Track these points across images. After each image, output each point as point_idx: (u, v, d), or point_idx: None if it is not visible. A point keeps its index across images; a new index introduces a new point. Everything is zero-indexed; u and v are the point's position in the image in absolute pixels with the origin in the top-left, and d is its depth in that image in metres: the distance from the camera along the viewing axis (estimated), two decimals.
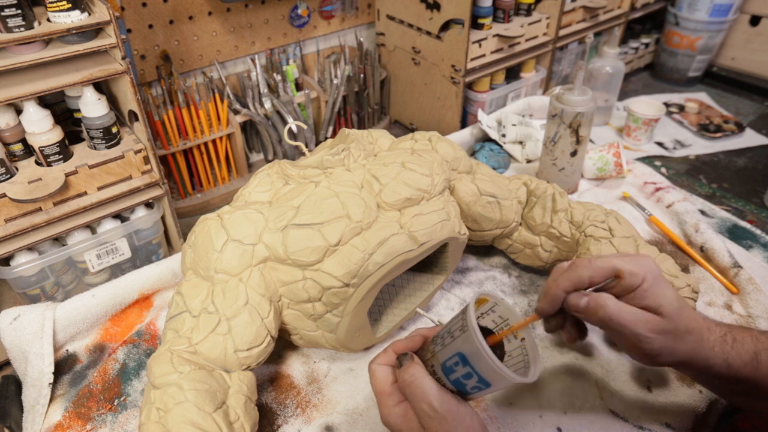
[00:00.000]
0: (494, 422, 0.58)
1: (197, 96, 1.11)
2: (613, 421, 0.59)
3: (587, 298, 0.44)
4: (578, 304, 0.45)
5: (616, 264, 0.45)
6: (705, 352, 0.44)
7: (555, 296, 0.46)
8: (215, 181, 1.24)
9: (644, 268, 0.44)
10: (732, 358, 0.44)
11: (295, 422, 0.59)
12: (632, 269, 0.44)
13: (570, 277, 0.45)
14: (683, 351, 0.44)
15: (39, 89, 0.74)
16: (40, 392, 0.60)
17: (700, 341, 0.44)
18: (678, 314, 0.44)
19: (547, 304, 0.46)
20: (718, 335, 0.45)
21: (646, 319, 0.43)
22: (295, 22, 1.28)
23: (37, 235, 0.81)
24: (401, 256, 0.56)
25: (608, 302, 0.44)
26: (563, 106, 0.84)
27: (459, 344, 0.42)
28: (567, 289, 0.45)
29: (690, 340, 0.44)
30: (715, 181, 1.12)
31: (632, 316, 0.43)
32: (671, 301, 0.44)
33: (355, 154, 0.63)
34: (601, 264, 0.45)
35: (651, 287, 0.44)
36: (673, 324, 0.44)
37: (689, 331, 0.44)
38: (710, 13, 1.44)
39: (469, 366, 0.42)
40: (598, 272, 0.45)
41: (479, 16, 1.22)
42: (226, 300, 0.53)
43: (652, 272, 0.44)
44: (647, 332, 0.43)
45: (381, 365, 0.47)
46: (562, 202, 0.72)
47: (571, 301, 0.45)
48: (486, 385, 0.42)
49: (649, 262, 0.45)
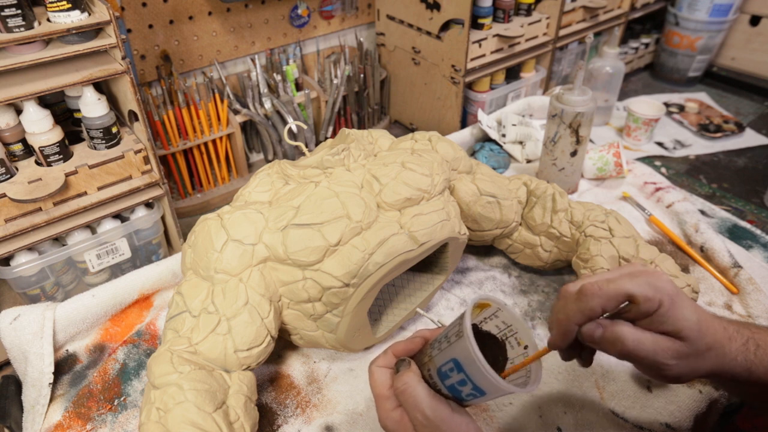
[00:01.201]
0: (494, 422, 0.58)
1: (197, 96, 1.11)
2: (613, 421, 0.59)
3: (602, 330, 0.42)
4: (593, 336, 0.42)
5: (629, 289, 0.41)
6: (726, 365, 0.42)
7: (567, 331, 0.43)
8: (215, 181, 1.24)
9: (660, 290, 0.41)
10: (755, 366, 0.42)
11: (295, 422, 0.59)
12: (647, 294, 0.41)
13: (581, 309, 0.42)
14: (704, 368, 0.42)
15: (39, 89, 0.74)
16: (40, 392, 0.60)
17: (722, 355, 0.42)
18: (698, 334, 0.41)
19: (559, 338, 0.44)
20: (740, 343, 0.43)
21: (667, 346, 0.41)
22: (295, 22, 1.28)
23: (37, 235, 0.81)
24: (401, 256, 0.56)
25: (626, 334, 0.41)
26: (563, 106, 0.84)
27: (454, 350, 0.41)
28: (579, 323, 0.43)
29: (711, 357, 0.42)
30: (715, 181, 1.12)
31: (652, 346, 0.41)
32: (691, 322, 0.41)
33: (355, 154, 0.63)
34: (614, 291, 0.42)
35: (669, 311, 0.41)
36: (694, 346, 0.41)
37: (710, 348, 0.42)
38: (710, 13, 1.44)
39: (464, 373, 0.41)
40: (611, 301, 0.42)
41: (479, 16, 1.22)
42: (226, 300, 0.53)
43: (669, 294, 0.41)
44: (668, 360, 0.41)
45: (380, 367, 0.46)
46: (562, 202, 0.72)
47: (585, 333, 0.43)
48: (481, 393, 0.41)
49: (664, 282, 0.42)
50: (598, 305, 0.42)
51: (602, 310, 0.42)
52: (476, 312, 0.45)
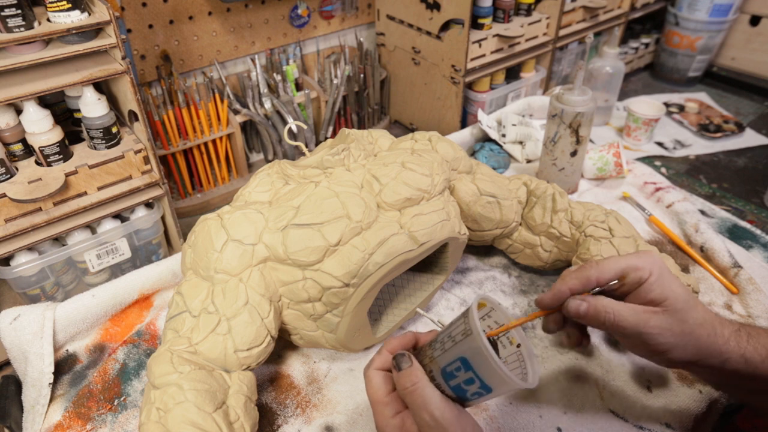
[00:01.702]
0: (494, 422, 0.58)
1: (197, 96, 1.11)
2: (613, 421, 0.59)
3: (586, 303, 0.45)
4: (578, 309, 0.45)
5: (621, 265, 0.45)
6: (719, 347, 0.43)
7: (559, 291, 0.46)
8: (215, 181, 1.24)
9: (649, 262, 0.45)
10: (749, 353, 0.43)
11: (295, 422, 0.59)
12: (637, 264, 0.44)
13: (578, 275, 0.46)
14: (695, 345, 0.43)
15: (39, 89, 0.74)
16: (40, 392, 0.60)
17: (714, 335, 0.43)
18: (686, 307, 0.43)
19: (549, 297, 0.47)
20: (731, 330, 0.44)
21: (647, 316, 0.43)
22: (295, 22, 1.28)
23: (37, 235, 0.81)
24: (401, 256, 0.56)
25: (606, 305, 0.44)
26: (563, 106, 0.84)
27: (461, 348, 0.41)
28: (573, 288, 0.46)
29: (702, 334, 0.43)
30: (715, 181, 1.12)
31: (632, 316, 0.43)
32: (678, 294, 0.44)
33: (355, 154, 0.63)
34: (608, 266, 0.46)
35: (657, 280, 0.44)
36: (681, 317, 0.43)
37: (700, 324, 0.43)
38: (710, 13, 1.44)
39: (472, 371, 0.41)
40: (605, 273, 0.45)
41: (479, 16, 1.22)
42: (226, 300, 0.53)
43: (658, 266, 0.45)
44: (650, 329, 0.43)
45: (377, 371, 0.45)
46: (562, 202, 0.72)
47: (570, 306, 0.45)
48: (487, 390, 0.42)
49: (654, 257, 0.45)
50: (594, 275, 0.46)
51: (596, 279, 0.46)
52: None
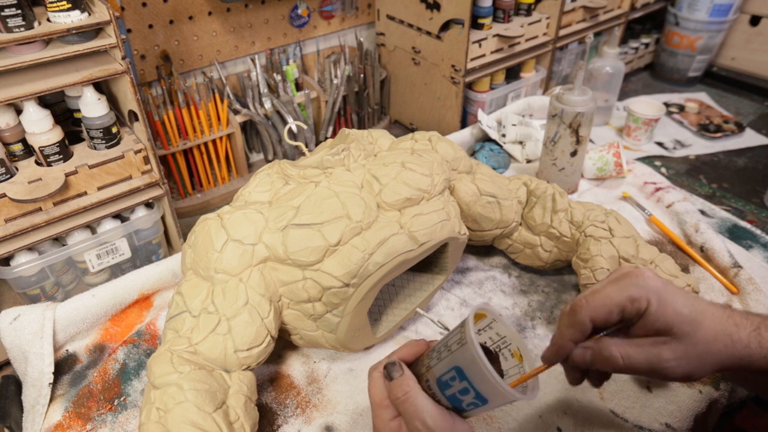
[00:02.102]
0: (494, 422, 0.58)
1: (197, 96, 1.11)
2: (613, 421, 0.59)
3: (590, 352, 0.42)
4: (584, 360, 0.42)
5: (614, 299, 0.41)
6: (739, 353, 0.40)
7: (561, 347, 0.43)
8: (215, 181, 1.24)
9: (645, 288, 0.41)
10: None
11: (295, 422, 0.59)
12: (632, 294, 0.40)
13: (571, 323, 0.42)
14: (713, 361, 0.40)
15: (39, 89, 0.74)
16: (40, 392, 0.60)
17: (731, 345, 0.40)
18: (694, 327, 0.40)
19: (552, 353, 0.44)
20: (750, 329, 0.41)
21: (658, 351, 0.40)
22: (295, 22, 1.28)
23: (37, 235, 0.81)
24: (401, 256, 0.56)
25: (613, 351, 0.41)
26: (563, 106, 0.84)
27: (456, 358, 0.40)
28: (572, 338, 0.43)
29: (718, 347, 0.40)
30: (715, 181, 1.12)
31: (643, 355, 0.40)
32: (683, 315, 0.40)
33: (355, 154, 0.63)
34: (599, 300, 0.41)
35: (658, 308, 0.40)
36: (692, 340, 0.40)
37: (714, 339, 0.40)
38: (710, 13, 1.44)
39: (466, 381, 0.40)
40: (599, 311, 0.41)
41: (479, 16, 1.22)
42: (226, 300, 0.53)
43: (655, 291, 0.41)
44: (665, 363, 0.40)
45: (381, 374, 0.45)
46: (562, 202, 0.72)
47: (576, 359, 0.43)
48: (483, 401, 0.41)
49: (648, 281, 0.41)
50: (586, 317, 0.42)
51: (591, 321, 0.42)
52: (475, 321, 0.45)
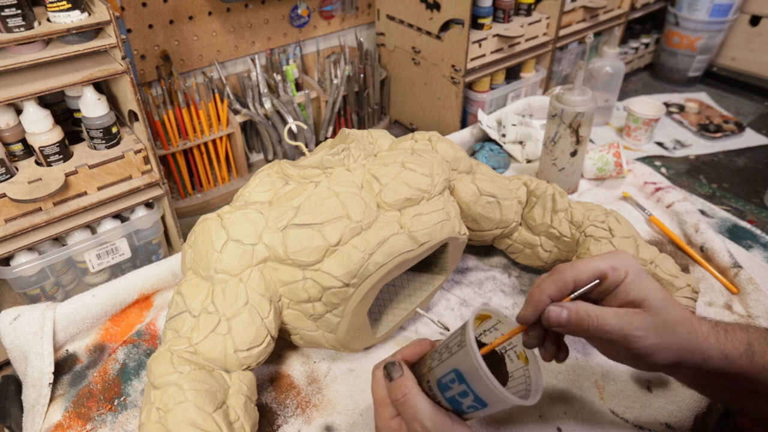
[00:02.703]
0: (494, 422, 0.58)
1: (197, 96, 1.11)
2: (613, 421, 0.59)
3: (566, 311, 0.43)
4: (559, 318, 0.43)
5: (598, 265, 0.44)
6: (700, 344, 0.43)
7: (538, 301, 0.44)
8: (215, 181, 1.24)
9: (624, 263, 0.44)
10: (728, 348, 0.43)
11: (295, 422, 0.59)
12: (613, 264, 0.44)
13: (554, 280, 0.44)
14: (678, 344, 0.42)
15: (39, 89, 0.74)
16: (40, 392, 0.60)
17: (694, 332, 0.43)
18: (665, 306, 0.43)
19: (530, 310, 0.44)
20: (708, 326, 0.44)
21: (631, 318, 0.42)
22: (295, 22, 1.28)
23: (37, 235, 0.81)
24: (401, 256, 0.56)
25: (589, 310, 0.42)
26: (563, 106, 0.84)
27: (456, 360, 0.41)
28: (551, 294, 0.44)
29: (682, 332, 0.43)
30: (715, 181, 1.12)
31: (616, 319, 0.42)
32: (656, 293, 0.43)
33: (355, 154, 0.63)
34: (584, 266, 0.44)
35: (634, 281, 0.43)
36: (662, 317, 0.42)
37: (680, 322, 0.43)
38: (710, 13, 1.44)
39: (465, 384, 0.40)
40: (581, 273, 0.44)
41: (479, 16, 1.22)
42: (226, 300, 0.53)
43: (634, 267, 0.44)
44: (635, 330, 0.42)
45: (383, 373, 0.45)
46: (562, 202, 0.72)
47: (550, 316, 0.43)
48: (482, 405, 0.41)
49: (628, 258, 0.45)
50: (570, 277, 0.44)
51: (573, 282, 0.44)
52: (477, 323, 0.44)
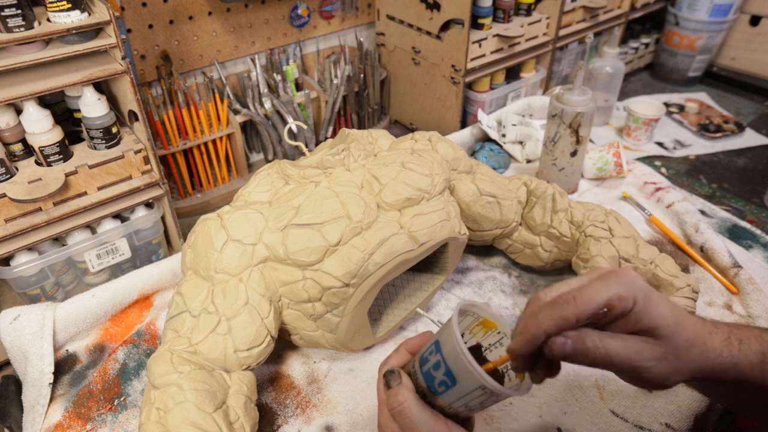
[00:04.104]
0: (494, 422, 0.58)
1: (197, 96, 1.11)
2: (613, 421, 0.59)
3: (571, 342, 0.39)
4: (564, 350, 0.39)
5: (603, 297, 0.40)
6: (711, 362, 0.41)
7: (534, 338, 0.39)
8: (215, 181, 1.24)
9: (632, 288, 0.40)
10: (740, 361, 0.41)
11: (295, 422, 0.59)
12: (620, 293, 0.40)
13: (553, 317, 0.39)
14: (688, 368, 0.40)
15: (39, 89, 0.74)
16: (40, 392, 0.60)
17: (705, 352, 0.41)
18: (676, 331, 0.40)
19: (524, 344, 0.40)
20: (721, 338, 0.42)
21: (640, 348, 0.39)
22: (295, 22, 1.28)
23: (37, 235, 0.81)
24: (401, 256, 0.56)
25: (596, 341, 0.39)
26: (563, 106, 0.84)
27: (439, 333, 0.42)
28: (549, 331, 0.39)
29: (694, 355, 0.40)
30: (715, 181, 1.12)
31: (625, 350, 0.39)
32: (666, 318, 0.40)
33: (355, 154, 0.63)
34: (588, 299, 0.40)
35: (644, 308, 0.40)
36: (673, 344, 0.40)
37: (692, 345, 0.40)
38: (710, 13, 1.44)
39: (440, 354, 0.40)
40: (586, 310, 0.40)
41: (479, 16, 1.22)
42: (226, 300, 0.53)
43: (642, 291, 0.40)
44: (644, 362, 0.39)
45: None
46: (562, 202, 0.72)
47: (554, 347, 0.40)
48: (452, 380, 0.39)
49: (635, 280, 0.41)
50: (573, 315, 0.39)
51: (576, 320, 0.40)
52: (484, 331, 0.44)
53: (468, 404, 0.41)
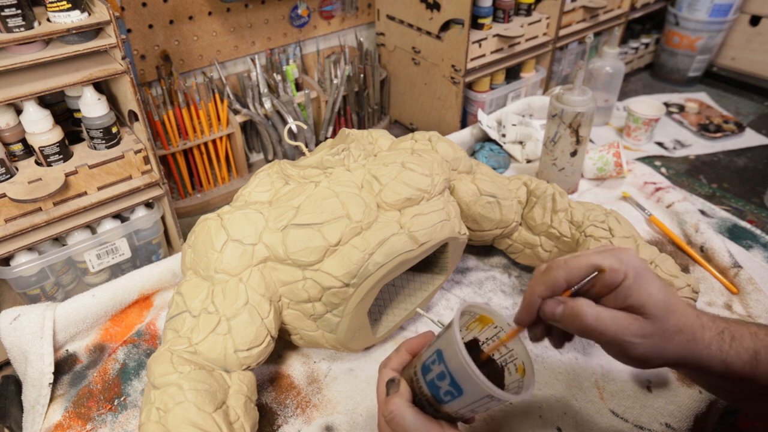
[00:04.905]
0: (494, 422, 0.58)
1: (197, 96, 1.11)
2: (613, 421, 0.59)
3: (562, 306, 0.41)
4: (554, 312, 0.41)
5: (595, 260, 0.41)
6: (698, 352, 0.41)
7: (530, 303, 0.42)
8: (215, 181, 1.24)
9: (625, 262, 0.41)
10: (730, 357, 0.41)
11: (295, 422, 0.59)
12: (612, 264, 0.41)
13: (544, 281, 0.42)
14: (673, 352, 0.41)
15: (39, 89, 0.74)
16: (40, 392, 0.60)
17: (693, 341, 0.41)
18: (665, 313, 0.40)
19: (523, 312, 0.43)
20: (714, 333, 0.42)
21: (628, 323, 0.40)
22: (295, 22, 1.28)
23: (37, 235, 0.81)
24: (401, 256, 0.56)
25: (585, 309, 0.40)
26: (563, 106, 0.84)
27: (440, 341, 0.41)
28: (542, 295, 0.42)
29: (680, 341, 0.41)
30: (715, 181, 1.12)
31: (612, 322, 0.40)
32: (656, 299, 0.40)
33: (355, 154, 0.63)
34: (577, 263, 0.41)
35: (634, 284, 0.40)
36: (660, 325, 0.40)
37: (679, 331, 0.41)
38: (710, 13, 1.44)
39: (444, 364, 0.40)
40: (574, 271, 0.41)
41: (479, 16, 1.22)
42: (226, 300, 0.53)
43: (634, 267, 0.41)
44: (630, 337, 0.40)
45: (390, 371, 0.45)
46: (562, 202, 0.72)
47: (546, 309, 0.42)
48: (458, 391, 0.40)
49: (630, 256, 0.41)
50: (561, 276, 0.41)
51: (566, 282, 0.42)
52: (480, 327, 0.44)
53: (475, 410, 0.41)
